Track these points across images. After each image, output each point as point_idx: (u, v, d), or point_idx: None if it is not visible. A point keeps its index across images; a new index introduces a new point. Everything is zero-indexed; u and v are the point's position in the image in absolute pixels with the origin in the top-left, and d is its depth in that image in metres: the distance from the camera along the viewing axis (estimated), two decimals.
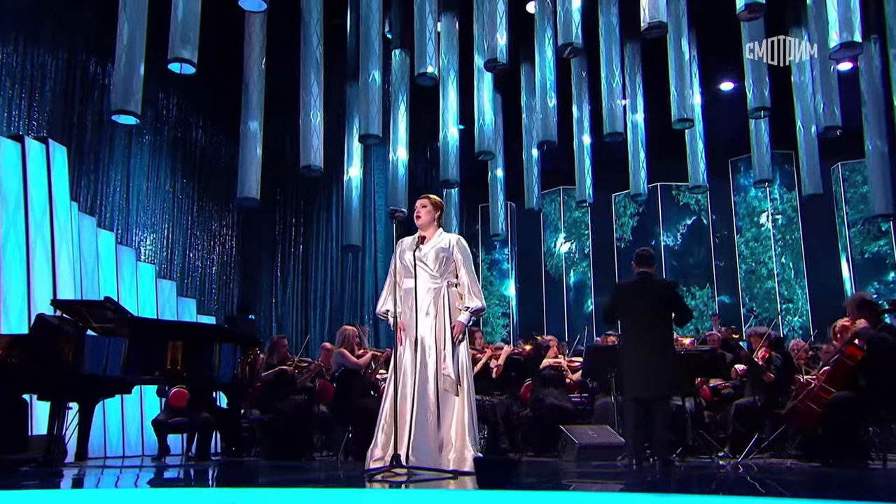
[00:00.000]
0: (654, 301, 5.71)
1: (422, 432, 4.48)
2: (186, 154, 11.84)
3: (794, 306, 11.62)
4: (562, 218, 13.08)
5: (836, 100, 8.76)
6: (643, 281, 5.84)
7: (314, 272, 12.70)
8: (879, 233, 11.38)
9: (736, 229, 12.35)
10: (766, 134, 10.08)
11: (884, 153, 9.53)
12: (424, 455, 4.43)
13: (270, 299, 12.86)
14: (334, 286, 12.53)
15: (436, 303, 4.75)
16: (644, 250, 6.06)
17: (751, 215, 12.32)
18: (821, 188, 9.97)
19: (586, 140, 11.15)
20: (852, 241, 11.51)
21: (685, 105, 9.34)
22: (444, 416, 4.59)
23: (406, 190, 10.69)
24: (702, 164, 10.53)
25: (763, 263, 11.96)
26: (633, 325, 5.72)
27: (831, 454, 5.53)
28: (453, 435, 4.55)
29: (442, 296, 4.77)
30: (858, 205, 11.56)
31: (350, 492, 4.07)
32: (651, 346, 5.60)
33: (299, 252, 12.95)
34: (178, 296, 10.92)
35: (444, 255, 4.84)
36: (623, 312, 5.82)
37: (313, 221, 12.97)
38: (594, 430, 6.48)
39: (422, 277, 4.77)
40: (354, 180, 10.73)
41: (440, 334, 4.69)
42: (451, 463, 4.47)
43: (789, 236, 11.90)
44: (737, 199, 12.41)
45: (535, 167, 11.26)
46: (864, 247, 11.45)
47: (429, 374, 4.61)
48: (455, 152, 10.28)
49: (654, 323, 5.67)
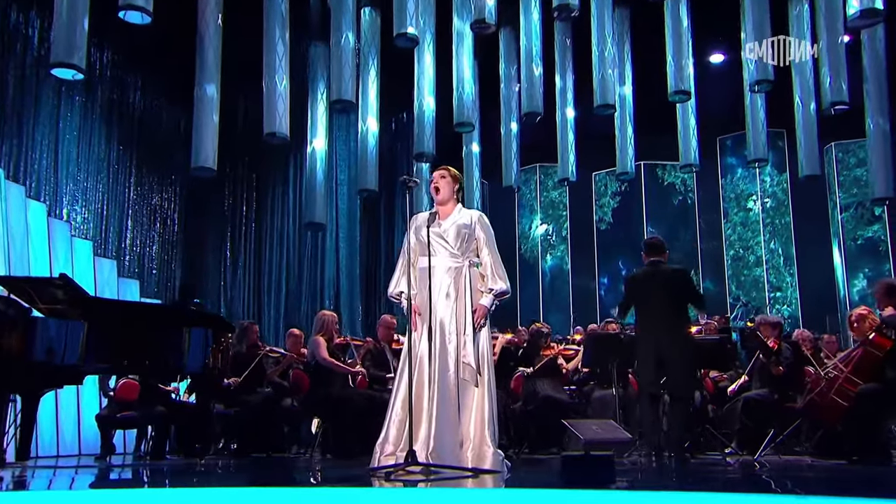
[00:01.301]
0: (666, 290, 5.68)
1: (443, 426, 4.31)
2: (123, 117, 11.27)
3: (783, 295, 11.78)
4: (538, 198, 12.99)
5: (844, 73, 8.80)
6: (654, 270, 5.81)
7: (268, 252, 12.32)
8: (873, 217, 11.58)
9: (723, 212, 12.44)
10: (763, 110, 10.11)
11: (885, 132, 9.64)
12: (446, 451, 4.26)
13: (219, 282, 12.45)
14: (291, 268, 12.18)
15: (456, 284, 4.58)
16: (654, 238, 6.04)
17: (738, 198, 12.43)
18: (818, 169, 10.08)
19: (570, 113, 11.04)
20: (845, 226, 11.71)
21: (682, 76, 9.31)
22: (464, 408, 4.43)
23: (376, 164, 10.44)
24: (693, 140, 10.54)
25: (751, 249, 12.07)
26: (647, 316, 5.70)
27: (854, 450, 5.56)
28: (472, 430, 4.40)
29: (464, 276, 4.60)
30: (852, 188, 11.74)
31: (364, 491, 3.89)
32: (666, 338, 5.57)
33: (251, 230, 12.55)
34: (118, 276, 10.48)
35: (466, 231, 4.67)
36: (637, 304, 5.79)
37: (268, 196, 12.57)
38: (598, 425, 6.36)
39: (441, 256, 4.60)
40: (319, 152, 10.41)
41: (461, 318, 4.52)
42: (470, 460, 4.31)
43: (779, 221, 12.04)
44: (724, 180, 12.49)
45: (513, 142, 11.10)
46: (858, 232, 11.66)
47: (449, 362, 4.45)
48: (431, 123, 10.05)
49: (668, 313, 5.66)
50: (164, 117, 11.93)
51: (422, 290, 4.55)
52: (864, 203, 11.55)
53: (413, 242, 4.76)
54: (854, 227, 11.67)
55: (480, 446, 4.36)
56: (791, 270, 11.81)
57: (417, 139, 10.08)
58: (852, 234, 11.64)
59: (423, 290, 4.52)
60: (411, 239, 4.77)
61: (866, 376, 5.53)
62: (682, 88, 9.18)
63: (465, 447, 4.37)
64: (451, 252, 4.63)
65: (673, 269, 6.06)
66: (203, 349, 5.81)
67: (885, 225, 11.47)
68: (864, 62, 9.59)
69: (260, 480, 4.51)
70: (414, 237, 4.76)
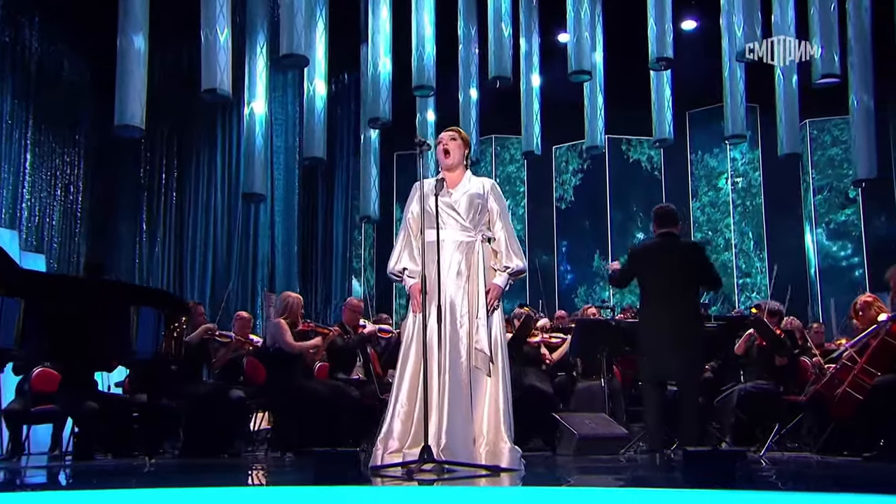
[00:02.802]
0: (681, 267, 5.58)
1: (455, 420, 4.14)
2: (17, 65, 10.56)
3: (752, 281, 12.01)
4: (493, 173, 12.85)
5: (836, 42, 8.91)
6: (667, 243, 5.70)
7: (192, 225, 11.81)
8: (847, 201, 11.91)
9: (691, 192, 12.59)
10: (742, 82, 10.19)
11: (870, 110, 9.84)
12: (459, 448, 4.10)
13: (133, 257, 11.92)
14: (219, 244, 11.71)
15: (468, 260, 4.40)
16: (666, 207, 5.93)
17: (709, 176, 12.59)
18: (799, 147, 10.27)
19: (535, 81, 10.94)
20: (817, 209, 12.00)
21: (663, 43, 9.30)
22: (476, 400, 4.27)
23: (324, 130, 10.11)
24: (668, 113, 10.59)
25: (720, 232, 12.24)
26: (656, 295, 5.56)
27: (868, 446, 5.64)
28: (485, 424, 4.26)
29: (476, 252, 4.42)
30: (826, 169, 12.01)
31: (377, 490, 3.73)
32: (677, 320, 5.47)
33: (171, 199, 12.02)
34: (21, 250, 9.86)
35: (479, 202, 4.49)
36: (643, 280, 5.67)
37: (191, 162, 12.05)
38: (591, 419, 6.35)
39: (450, 228, 4.40)
40: (259, 115, 10.00)
41: (473, 299, 4.35)
42: (483, 457, 4.17)
43: (750, 202, 12.24)
44: (693, 156, 12.63)
45: (473, 110, 10.92)
46: (830, 216, 11.97)
47: (461, 348, 4.27)
48: (388, 85, 9.79)
49: (681, 293, 5.54)
50: (64, 65, 11.26)
51: (429, 266, 4.35)
52: (838, 185, 11.86)
53: (416, 213, 4.57)
54: (827, 211, 11.98)
55: (496, 442, 4.23)
56: (761, 256, 12.04)
57: (371, 103, 9.80)
58: (825, 218, 11.94)
59: (431, 266, 4.32)
60: (413, 209, 4.57)
61: (884, 367, 5.61)
62: (664, 55, 9.16)
63: (478, 443, 4.22)
64: (463, 225, 4.46)
65: (688, 242, 6.00)
66: (154, 333, 5.45)
67: (858, 209, 11.79)
68: (848, 34, 9.70)
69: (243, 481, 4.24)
70: (417, 206, 4.56)
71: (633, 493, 3.74)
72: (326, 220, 12.61)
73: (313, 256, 12.47)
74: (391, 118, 9.89)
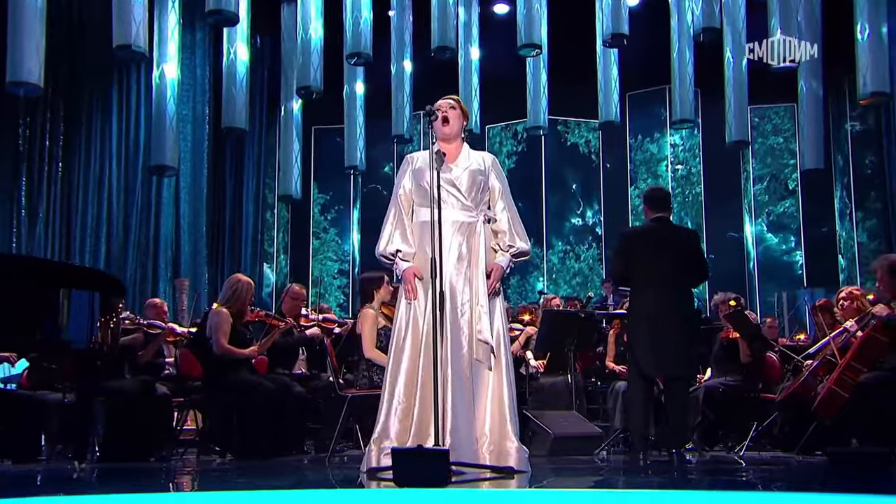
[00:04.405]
0: (675, 254, 5.62)
1: (459, 418, 4.05)
2: None
3: None
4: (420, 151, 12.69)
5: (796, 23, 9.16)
6: (661, 228, 5.74)
7: (83, 201, 11.16)
8: (786, 192, 12.36)
9: (630, 179, 12.80)
10: (691, 63, 10.39)
11: (818, 97, 10.24)
12: (464, 447, 4.02)
13: (9, 237, 11.22)
14: (114, 223, 11.11)
15: (469, 243, 4.30)
16: (657, 189, 5.98)
17: (648, 163, 12.82)
18: (747, 135, 10.57)
19: (475, 53, 10.89)
20: (757, 199, 12.40)
21: (618, 17, 9.38)
22: (479, 396, 4.19)
23: (247, 97, 9.79)
24: (615, 94, 10.71)
25: None
26: (649, 283, 5.58)
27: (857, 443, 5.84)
28: (488, 422, 4.18)
29: (478, 234, 4.33)
30: (766, 157, 12.43)
31: (382, 493, 3.62)
32: (670, 310, 5.51)
33: (57, 171, 11.33)
34: None
35: (481, 178, 4.41)
36: (636, 267, 5.67)
37: (81, 130, 11.39)
38: (564, 418, 6.36)
39: (449, 207, 4.29)
40: (170, 78, 9.57)
41: (475, 286, 4.24)
42: (488, 458, 4.10)
43: (689, 191, 12.55)
44: (632, 141, 12.84)
45: (406, 83, 10.76)
46: (770, 207, 12.39)
47: (462, 339, 4.17)
48: (319, 51, 9.56)
49: (675, 281, 5.59)
50: None
51: (424, 248, 4.24)
52: (779, 175, 12.29)
53: (408, 189, 4.44)
54: (767, 202, 12.39)
55: (501, 441, 4.17)
56: None
57: (300, 71, 9.55)
58: (765, 209, 12.36)
59: (427, 248, 4.21)
60: (406, 184, 4.44)
61: (868, 363, 5.80)
62: (619, 31, 9.24)
63: (480, 443, 4.14)
64: (464, 204, 4.36)
65: (686, 229, 6.04)
66: (89, 319, 5.12)
67: (797, 200, 12.26)
68: (798, 16, 10.03)
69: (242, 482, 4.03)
70: (410, 182, 4.43)
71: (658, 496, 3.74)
72: (235, 198, 12.18)
73: (220, 239, 12.04)
74: None
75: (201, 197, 11.34)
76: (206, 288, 11.16)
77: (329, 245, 12.93)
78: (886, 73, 9.13)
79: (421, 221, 4.34)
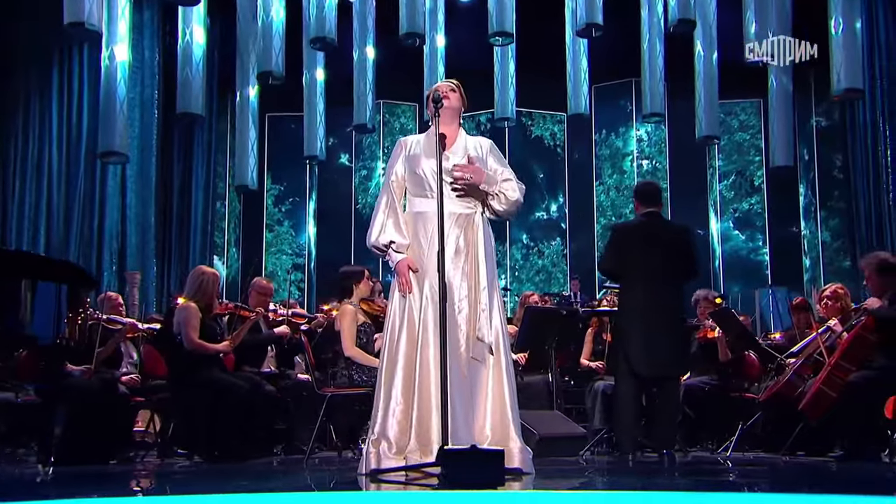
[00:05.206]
0: (667, 249, 5.65)
1: (460, 419, 3.97)
2: None
3: None
4: (381, 143, 12.63)
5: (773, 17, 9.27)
6: (652, 223, 5.76)
7: (18, 191, 10.83)
8: (752, 189, 12.55)
9: (595, 174, 12.87)
10: (661, 56, 10.49)
11: (788, 92, 10.42)
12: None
13: None
14: (54, 214, 10.79)
15: (466, 236, 4.22)
16: (648, 184, 6.00)
17: (614, 157, 12.90)
18: (717, 130, 10.70)
19: (440, 41, 10.84)
20: (723, 196, 12.58)
21: (592, 6, 9.42)
22: (478, 396, 4.13)
23: (204, 82, 9.60)
24: (584, 86, 10.76)
25: (624, 218, 12.56)
26: (641, 279, 5.61)
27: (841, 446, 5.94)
28: (488, 423, 4.13)
29: (476, 226, 4.26)
30: (732, 154, 12.61)
31: (392, 495, 3.60)
32: (663, 307, 5.54)
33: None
34: None
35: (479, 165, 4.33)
36: (627, 263, 5.69)
37: (18, 112, 11.06)
38: (548, 418, 6.36)
39: (445, 198, 4.17)
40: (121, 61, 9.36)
41: (473, 281, 4.18)
42: None
43: None
44: (597, 136, 12.91)
45: (370, 71, 10.67)
46: (735, 204, 12.58)
47: (460, 337, 4.10)
48: (281, 34, 9.42)
49: (672, 278, 5.63)
50: None
51: (419, 240, 4.17)
52: (745, 172, 12.47)
53: (400, 175, 4.35)
54: (732, 199, 12.57)
55: (504, 442, 4.11)
56: None
57: (260, 55, 9.40)
58: (731, 206, 12.54)
59: (422, 240, 4.15)
60: (399, 171, 4.36)
61: (857, 362, 5.89)
62: (594, 21, 9.28)
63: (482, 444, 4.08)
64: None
65: (679, 224, 6.07)
66: (55, 313, 4.98)
67: (763, 198, 12.46)
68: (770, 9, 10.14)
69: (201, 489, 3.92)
70: (403, 168, 4.35)
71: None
72: (184, 187, 11.91)
73: (168, 230, 11.77)
74: None
75: (149, 185, 11.07)
76: (153, 282, 10.91)
77: (283, 238, 12.76)
78: (860, 70, 9.31)
79: (415, 212, 4.26)
